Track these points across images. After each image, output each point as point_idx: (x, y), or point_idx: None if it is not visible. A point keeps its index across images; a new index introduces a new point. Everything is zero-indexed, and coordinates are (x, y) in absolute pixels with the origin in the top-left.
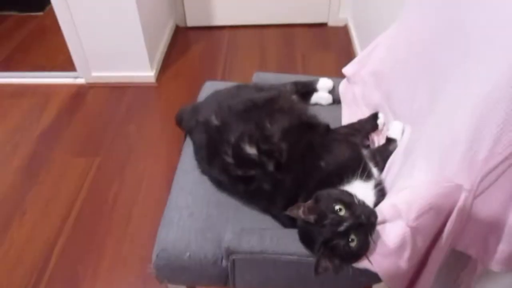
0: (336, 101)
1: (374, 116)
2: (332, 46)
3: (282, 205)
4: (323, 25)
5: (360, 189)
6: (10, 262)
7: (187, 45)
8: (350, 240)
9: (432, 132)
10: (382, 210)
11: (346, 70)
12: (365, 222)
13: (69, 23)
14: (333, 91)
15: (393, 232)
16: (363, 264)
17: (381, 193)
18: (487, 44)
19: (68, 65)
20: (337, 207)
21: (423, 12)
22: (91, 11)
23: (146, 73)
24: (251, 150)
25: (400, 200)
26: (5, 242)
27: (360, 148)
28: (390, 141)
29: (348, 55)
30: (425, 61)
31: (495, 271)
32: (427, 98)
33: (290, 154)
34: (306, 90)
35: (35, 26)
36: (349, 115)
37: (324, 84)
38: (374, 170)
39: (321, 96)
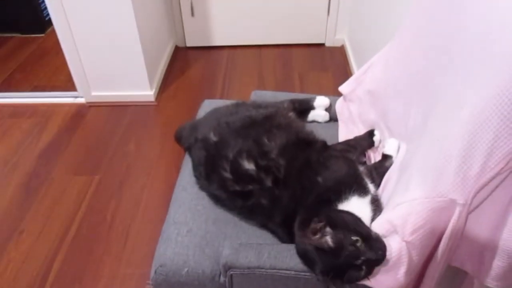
0: (333, 118)
1: (370, 134)
2: (329, 66)
3: (280, 220)
4: (320, 45)
5: (357, 205)
6: (7, 281)
7: (186, 64)
8: (360, 269)
9: (426, 149)
10: (378, 225)
11: (342, 88)
12: (380, 259)
13: (70, 44)
14: (330, 109)
15: (388, 247)
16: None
17: (377, 209)
18: (476, 67)
19: (68, 85)
20: (354, 238)
21: (417, 34)
22: (92, 32)
23: (146, 92)
24: (249, 166)
25: (396, 215)
26: (3, 260)
27: (357, 164)
28: (386, 157)
29: (344, 74)
30: (418, 82)
31: (491, 287)
32: (421, 117)
33: (287, 170)
34: (304, 108)
35: (36, 47)
36: (346, 133)
37: (321, 102)
38: (371, 186)
39: (318, 113)
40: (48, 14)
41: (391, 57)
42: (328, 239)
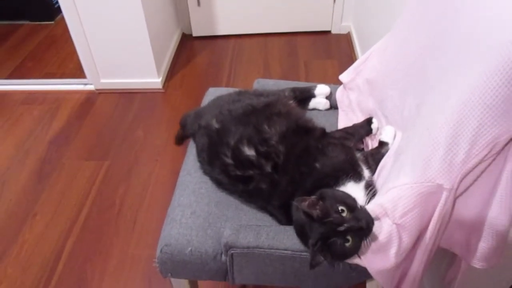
0: (333, 106)
1: (368, 121)
2: (334, 53)
3: (278, 203)
4: (326, 33)
5: (353, 190)
6: (22, 261)
7: (193, 53)
8: (346, 240)
9: (417, 138)
10: (371, 209)
11: (342, 77)
12: (364, 227)
13: (79, 32)
14: (330, 97)
15: (380, 229)
16: (353, 260)
17: (372, 194)
18: (465, 58)
19: (77, 72)
20: (340, 207)
21: (413, 24)
22: (101, 20)
23: (154, 80)
24: (249, 152)
25: (387, 199)
26: (18, 242)
27: (354, 151)
28: (382, 144)
29: (350, 62)
30: (413, 72)
31: (478, 267)
32: (415, 106)
33: (287, 156)
34: (305, 96)
35: (45, 35)
36: (345, 120)
37: (321, 90)
38: (366, 172)
39: (318, 101)
40: (57, 2)
41: (389, 47)
42: (315, 205)
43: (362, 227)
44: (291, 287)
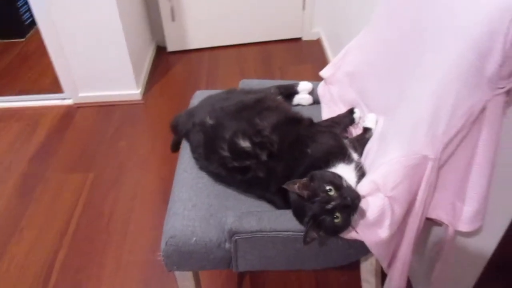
0: (316, 101)
1: (351, 111)
2: (307, 58)
3: (275, 189)
4: (298, 40)
5: (344, 171)
6: (12, 277)
7: (169, 65)
8: (335, 217)
9: (401, 118)
10: (363, 186)
11: (323, 72)
12: (349, 204)
13: (55, 46)
14: (313, 93)
15: (373, 204)
16: (350, 235)
17: (361, 174)
18: (440, 38)
19: (55, 87)
20: (327, 187)
21: (389, 16)
22: (78, 33)
23: (133, 91)
24: (245, 144)
25: (378, 175)
26: (6, 256)
27: (341, 137)
28: (366, 130)
29: (323, 65)
30: (393, 58)
31: (464, 231)
32: (397, 91)
33: (280, 144)
34: (289, 92)
35: (17, 52)
36: (328, 113)
37: (304, 86)
38: (354, 155)
39: (302, 97)
40: (28, 19)
41: (366, 41)
42: (305, 186)
43: (348, 204)
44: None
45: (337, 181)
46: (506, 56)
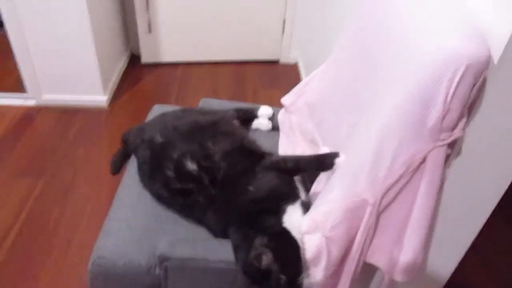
0: (276, 127)
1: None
2: (282, 82)
3: (214, 218)
4: (275, 62)
5: (293, 214)
6: None
7: (141, 76)
8: None
9: (348, 157)
10: (304, 223)
11: (284, 100)
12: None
13: (21, 45)
14: (273, 118)
15: (311, 243)
16: None
17: (306, 209)
18: (391, 80)
19: (17, 87)
20: (282, 277)
21: (349, 49)
22: (45, 33)
23: (99, 97)
24: (192, 166)
25: (318, 213)
26: None
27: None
28: None
29: None
30: (349, 93)
31: (399, 281)
32: (351, 126)
33: (227, 173)
34: (248, 116)
35: None
36: (286, 143)
37: (264, 111)
38: (302, 193)
39: (261, 122)
40: None
41: (328, 70)
42: (264, 260)
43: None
44: None
45: (293, 270)
46: (447, 109)
